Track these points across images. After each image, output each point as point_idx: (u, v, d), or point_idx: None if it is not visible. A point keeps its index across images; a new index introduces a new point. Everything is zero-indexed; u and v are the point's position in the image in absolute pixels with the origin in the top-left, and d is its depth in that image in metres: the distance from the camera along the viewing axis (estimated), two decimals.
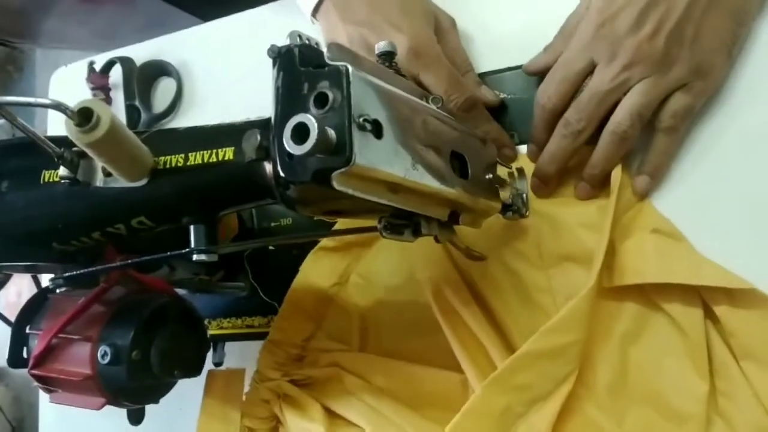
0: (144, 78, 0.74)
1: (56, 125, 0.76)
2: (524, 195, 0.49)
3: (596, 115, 0.48)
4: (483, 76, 0.58)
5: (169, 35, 0.76)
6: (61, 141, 0.41)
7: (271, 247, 0.65)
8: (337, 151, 0.31)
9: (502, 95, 0.57)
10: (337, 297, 0.61)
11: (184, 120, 0.73)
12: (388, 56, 0.41)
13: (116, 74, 0.77)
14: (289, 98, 0.33)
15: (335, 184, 0.31)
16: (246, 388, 0.61)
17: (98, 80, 0.75)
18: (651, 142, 0.49)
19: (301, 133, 0.30)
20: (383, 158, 0.33)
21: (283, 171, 0.33)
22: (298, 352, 0.61)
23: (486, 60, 0.58)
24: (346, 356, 0.58)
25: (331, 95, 0.31)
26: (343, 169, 0.31)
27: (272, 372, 0.60)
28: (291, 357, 0.61)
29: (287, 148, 0.30)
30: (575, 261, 0.51)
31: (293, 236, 0.62)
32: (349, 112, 0.31)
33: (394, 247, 0.59)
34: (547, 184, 0.53)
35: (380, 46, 0.41)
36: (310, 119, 0.30)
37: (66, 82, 0.82)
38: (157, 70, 0.74)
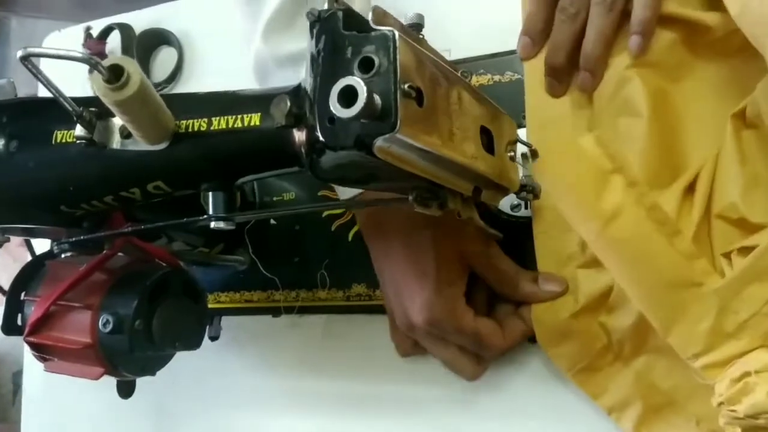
0: (144, 46, 0.72)
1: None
2: None
3: None
4: (493, 58, 0.58)
5: (171, 3, 0.74)
6: (75, 101, 0.40)
7: (272, 222, 0.64)
8: (382, 117, 0.30)
9: (513, 76, 0.57)
10: None
11: (184, 90, 0.72)
12: (416, 28, 0.41)
13: (113, 42, 0.75)
14: (331, 62, 0.32)
15: (376, 151, 0.31)
16: None
17: (95, 46, 0.73)
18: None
19: (348, 96, 0.30)
20: (423, 127, 0.32)
21: (323, 135, 0.32)
22: None
23: (497, 41, 0.58)
24: None
25: (377, 60, 0.31)
26: (387, 135, 0.30)
27: None
28: None
29: (333, 112, 0.30)
30: None
31: (313, 206, 0.62)
32: (395, 77, 0.30)
33: None
34: (560, 80, 0.52)
35: (409, 17, 0.41)
36: (358, 82, 0.29)
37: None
38: (158, 38, 0.73)
